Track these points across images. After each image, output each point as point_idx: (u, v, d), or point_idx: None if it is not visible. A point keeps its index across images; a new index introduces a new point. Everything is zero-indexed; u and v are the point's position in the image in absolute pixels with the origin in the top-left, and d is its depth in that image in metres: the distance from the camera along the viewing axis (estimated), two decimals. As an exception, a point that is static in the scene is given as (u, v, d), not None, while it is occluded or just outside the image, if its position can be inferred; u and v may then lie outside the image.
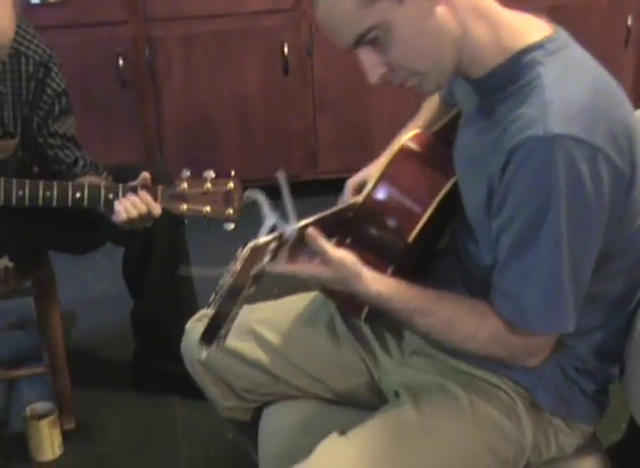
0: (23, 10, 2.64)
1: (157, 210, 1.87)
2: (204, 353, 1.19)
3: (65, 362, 2.23)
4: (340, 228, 1.41)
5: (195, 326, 1.63)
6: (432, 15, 1.22)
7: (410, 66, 1.26)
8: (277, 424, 1.55)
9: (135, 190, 1.87)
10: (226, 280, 1.16)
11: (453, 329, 1.31)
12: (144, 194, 1.86)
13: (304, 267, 1.29)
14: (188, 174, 1.88)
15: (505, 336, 1.28)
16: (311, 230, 1.27)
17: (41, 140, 2.05)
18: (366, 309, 1.42)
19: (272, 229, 1.23)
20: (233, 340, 1.54)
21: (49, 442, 2.15)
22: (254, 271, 1.17)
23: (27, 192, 1.88)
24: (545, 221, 1.20)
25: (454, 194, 1.39)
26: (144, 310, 2.31)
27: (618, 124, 1.22)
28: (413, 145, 1.46)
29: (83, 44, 3.04)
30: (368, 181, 1.43)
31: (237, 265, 1.16)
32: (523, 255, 1.23)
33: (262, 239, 1.21)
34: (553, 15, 3.13)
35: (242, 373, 1.58)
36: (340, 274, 1.28)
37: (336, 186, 1.59)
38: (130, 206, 1.85)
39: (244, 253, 1.18)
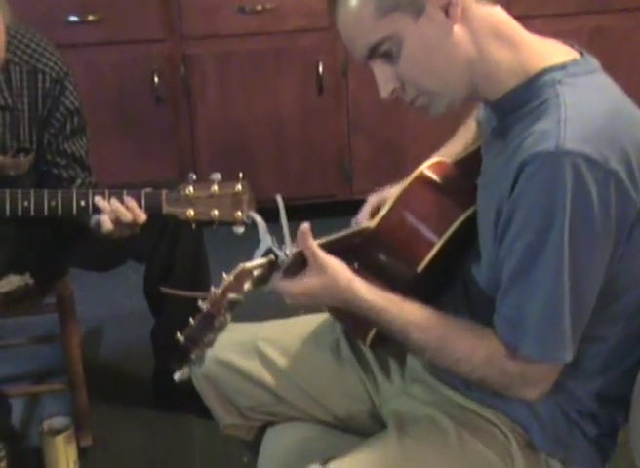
0: (55, 27, 2.67)
1: (142, 217, 1.81)
2: (177, 375, 1.16)
3: (83, 378, 2.22)
4: (349, 253, 1.38)
5: None
6: (447, 34, 1.21)
7: (419, 83, 1.25)
8: (277, 447, 1.52)
9: (119, 196, 1.82)
10: (204, 304, 1.15)
11: (449, 347, 1.26)
12: (129, 200, 1.81)
13: (294, 281, 1.25)
14: (194, 177, 1.84)
15: (502, 360, 1.23)
16: (304, 229, 1.23)
17: (49, 158, 2.04)
18: (372, 334, 1.39)
19: (267, 253, 1.21)
20: (238, 358, 1.56)
21: (64, 458, 2.14)
22: (232, 296, 1.15)
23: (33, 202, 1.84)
24: (548, 242, 1.15)
25: (472, 225, 1.35)
26: (165, 328, 2.29)
27: (635, 152, 1.17)
28: (431, 174, 1.43)
29: (119, 61, 3.07)
30: (382, 207, 1.41)
31: (218, 290, 1.15)
32: (525, 278, 1.19)
33: (250, 263, 1.19)
34: (597, 36, 3.11)
35: (245, 391, 1.55)
36: (331, 280, 1.25)
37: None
38: (112, 215, 1.80)
39: (230, 276, 1.16)
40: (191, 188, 1.83)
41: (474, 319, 1.30)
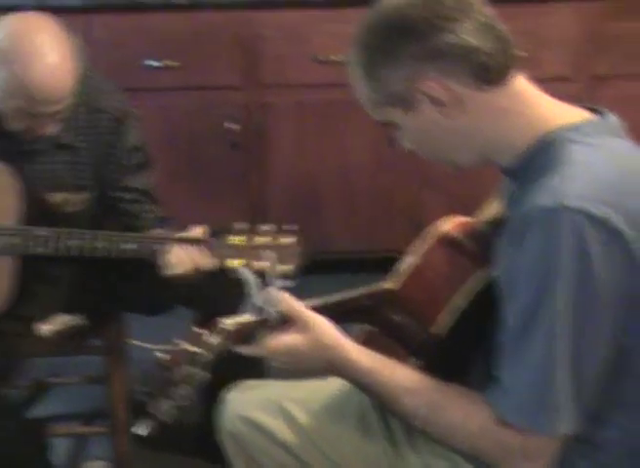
0: (133, 71, 2.72)
1: (207, 264, 1.81)
2: (135, 428, 1.13)
3: (126, 423, 2.20)
4: (360, 313, 1.34)
5: (234, 396, 1.58)
6: (444, 127, 1.20)
7: (424, 156, 1.28)
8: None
9: (185, 242, 1.83)
10: (161, 355, 1.12)
11: (441, 413, 1.20)
12: (193, 247, 1.82)
13: (278, 340, 1.21)
14: (245, 226, 1.82)
15: (497, 430, 1.16)
16: (284, 295, 1.22)
17: (114, 194, 2.07)
18: None
19: (254, 310, 1.19)
20: (263, 416, 1.52)
21: (101, 502, 2.12)
22: (189, 348, 1.12)
23: (75, 243, 1.87)
24: (543, 304, 1.09)
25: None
26: (212, 377, 2.26)
27: None
28: (453, 233, 1.39)
29: (195, 107, 3.10)
30: (401, 266, 1.37)
31: (179, 342, 1.12)
32: (520, 342, 1.13)
33: (228, 318, 1.17)
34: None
35: (268, 451, 1.50)
36: (315, 337, 1.22)
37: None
38: (176, 260, 1.81)
39: (198, 330, 1.15)
40: (240, 237, 1.81)
41: None
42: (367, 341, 1.38)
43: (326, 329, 1.23)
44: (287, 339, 1.22)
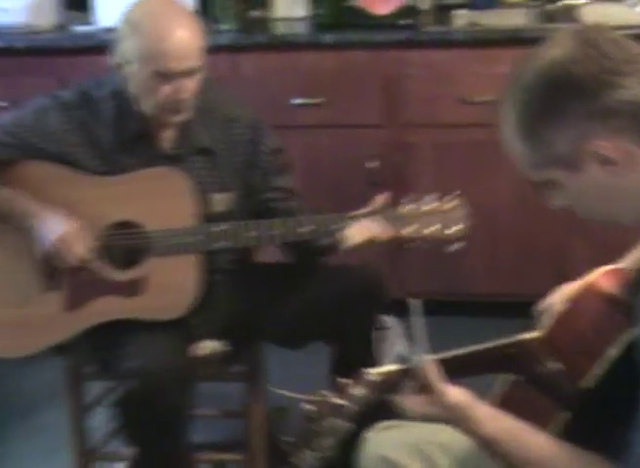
0: (279, 108, 2.76)
1: (382, 234, 1.88)
2: None
3: (262, 454, 2.20)
4: (506, 362, 1.31)
5: (374, 435, 1.56)
6: (610, 187, 1.15)
7: (582, 215, 1.22)
8: None
9: (358, 217, 1.91)
10: (307, 407, 1.11)
11: None
12: (367, 220, 1.89)
13: (414, 402, 1.23)
14: (412, 197, 1.87)
15: None
16: (428, 366, 1.22)
17: (264, 196, 2.15)
18: None
19: (399, 360, 1.18)
20: (403, 457, 1.49)
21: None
22: (336, 401, 1.11)
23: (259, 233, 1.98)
24: None
25: None
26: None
27: None
28: (603, 283, 1.34)
29: (338, 143, 3.13)
30: (547, 317, 1.33)
31: (325, 393, 1.11)
32: None
33: (374, 369, 1.15)
34: None
35: None
36: (448, 415, 1.24)
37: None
38: (353, 232, 1.88)
39: (343, 380, 1.14)
40: (408, 206, 1.87)
41: None
42: (511, 391, 1.36)
43: (458, 406, 1.24)
44: (424, 410, 1.26)
